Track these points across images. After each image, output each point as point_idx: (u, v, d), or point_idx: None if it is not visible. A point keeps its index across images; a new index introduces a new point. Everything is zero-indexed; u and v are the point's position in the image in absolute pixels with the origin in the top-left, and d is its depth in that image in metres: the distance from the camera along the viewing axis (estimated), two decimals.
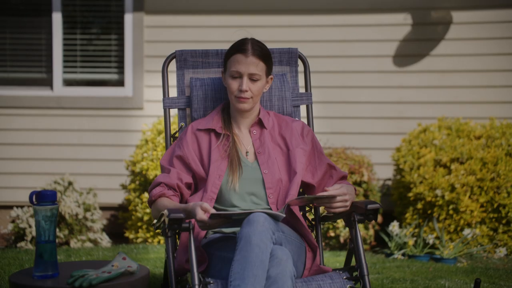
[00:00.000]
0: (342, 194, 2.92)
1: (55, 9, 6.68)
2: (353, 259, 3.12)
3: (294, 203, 2.93)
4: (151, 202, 3.06)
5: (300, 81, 3.46)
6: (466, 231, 5.50)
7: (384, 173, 6.41)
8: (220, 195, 3.02)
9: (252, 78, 3.02)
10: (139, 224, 5.97)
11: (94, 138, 6.63)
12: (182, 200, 3.08)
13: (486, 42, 6.41)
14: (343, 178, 3.16)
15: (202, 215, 2.77)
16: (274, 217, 2.78)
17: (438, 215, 5.66)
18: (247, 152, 3.08)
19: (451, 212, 5.61)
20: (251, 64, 3.00)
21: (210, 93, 3.26)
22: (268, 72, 3.08)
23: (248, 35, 3.12)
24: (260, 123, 3.14)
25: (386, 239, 5.75)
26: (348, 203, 2.95)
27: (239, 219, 2.77)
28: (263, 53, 3.04)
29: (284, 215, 2.79)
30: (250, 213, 2.73)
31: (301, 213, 3.24)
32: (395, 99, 6.50)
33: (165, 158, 3.11)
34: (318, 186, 3.13)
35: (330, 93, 6.53)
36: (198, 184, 3.08)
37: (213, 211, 2.77)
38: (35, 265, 2.79)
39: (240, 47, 3.03)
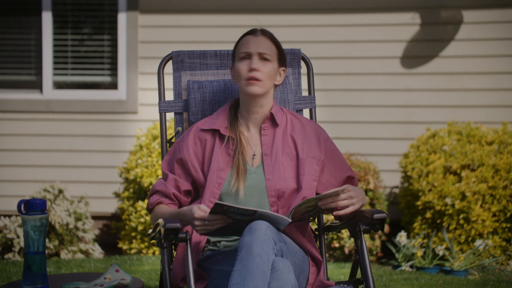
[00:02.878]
0: (346, 191, 2.87)
1: (45, 8, 6.69)
2: (359, 271, 3.11)
3: (297, 216, 2.89)
4: (149, 210, 3.06)
5: (303, 83, 3.45)
6: (478, 242, 5.49)
7: (391, 180, 6.41)
8: None
9: (263, 57, 2.96)
10: (133, 234, 5.97)
11: (85, 144, 6.63)
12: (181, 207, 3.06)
13: (498, 43, 6.42)
14: None
15: (200, 213, 2.74)
16: (278, 222, 2.75)
17: (448, 224, 5.66)
18: (254, 155, 3.02)
19: (461, 221, 5.60)
20: (262, 43, 2.96)
21: (209, 96, 3.25)
22: (280, 61, 3.02)
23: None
24: (272, 119, 3.05)
25: (393, 250, 5.74)
26: (355, 201, 2.89)
27: (239, 224, 2.74)
28: (274, 38, 3.01)
29: (290, 220, 2.76)
30: (255, 211, 2.70)
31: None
32: (403, 103, 6.50)
33: (166, 160, 3.07)
34: None
35: (334, 96, 6.53)
36: (198, 189, 3.05)
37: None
38: (23, 278, 2.78)
39: (249, 31, 3.01)
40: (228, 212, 2.73)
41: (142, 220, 5.88)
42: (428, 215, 5.70)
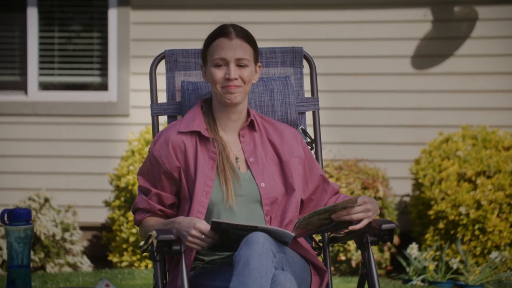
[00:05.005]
0: (362, 202, 2.86)
1: (30, 4, 6.70)
2: (366, 286, 3.12)
3: (301, 233, 2.87)
4: (138, 225, 3.04)
5: (305, 84, 3.45)
6: (494, 254, 5.49)
7: (401, 188, 6.41)
8: (209, 215, 2.93)
9: (240, 64, 2.93)
10: (124, 246, 5.97)
11: (73, 149, 6.63)
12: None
13: None
14: (337, 193, 3.11)
15: (201, 225, 2.73)
16: (281, 236, 2.75)
17: (462, 236, 5.66)
18: (237, 158, 2.99)
19: (477, 232, 5.60)
20: (237, 48, 2.93)
21: None
22: (256, 58, 3.00)
23: (228, 22, 3.07)
24: (250, 125, 3.04)
25: (404, 263, 5.74)
26: (371, 214, 2.87)
27: (237, 237, 2.74)
28: (249, 36, 2.97)
29: (293, 234, 2.76)
30: (256, 227, 2.70)
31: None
32: (414, 105, 6.50)
33: (142, 173, 3.00)
34: (308, 201, 3.06)
35: (340, 98, 6.53)
36: (181, 200, 3.01)
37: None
38: None
39: (221, 31, 2.96)
40: (228, 229, 2.72)
41: (134, 231, 5.88)
42: (441, 225, 5.70)
